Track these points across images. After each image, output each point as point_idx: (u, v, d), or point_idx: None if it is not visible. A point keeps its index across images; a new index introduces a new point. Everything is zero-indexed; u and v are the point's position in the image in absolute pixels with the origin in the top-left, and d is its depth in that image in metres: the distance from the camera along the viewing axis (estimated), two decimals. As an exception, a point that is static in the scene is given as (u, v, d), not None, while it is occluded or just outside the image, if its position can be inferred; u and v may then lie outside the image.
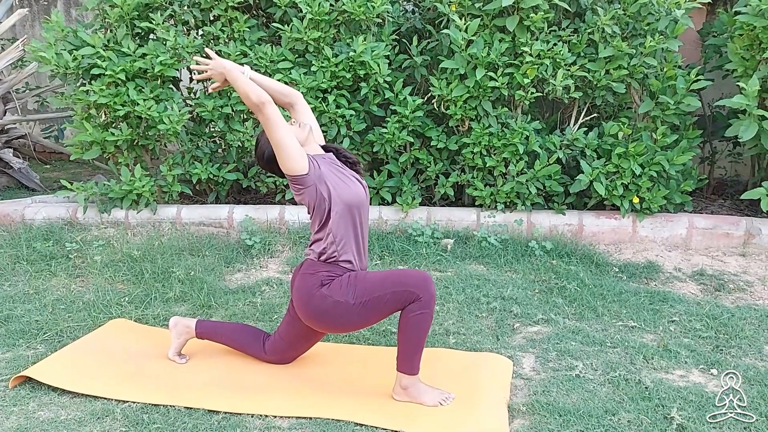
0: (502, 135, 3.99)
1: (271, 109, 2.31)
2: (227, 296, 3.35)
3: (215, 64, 2.44)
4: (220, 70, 2.43)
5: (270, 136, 2.34)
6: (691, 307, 3.20)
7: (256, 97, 2.31)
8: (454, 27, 3.95)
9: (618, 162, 3.93)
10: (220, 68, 2.43)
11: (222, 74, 2.43)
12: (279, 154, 2.34)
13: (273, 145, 2.35)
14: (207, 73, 2.48)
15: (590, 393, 2.42)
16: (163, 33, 4.09)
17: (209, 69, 2.46)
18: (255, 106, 2.32)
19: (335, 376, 2.59)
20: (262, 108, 2.31)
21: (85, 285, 3.51)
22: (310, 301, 2.36)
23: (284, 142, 2.32)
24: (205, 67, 2.48)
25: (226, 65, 2.41)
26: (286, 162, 2.34)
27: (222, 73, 2.43)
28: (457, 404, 2.37)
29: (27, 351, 2.77)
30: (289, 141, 2.32)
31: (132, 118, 4.18)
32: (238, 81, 2.37)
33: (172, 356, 2.70)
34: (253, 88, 2.33)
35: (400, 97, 4.12)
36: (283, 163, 2.35)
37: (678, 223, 4.04)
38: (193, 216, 4.27)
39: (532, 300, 3.27)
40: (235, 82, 2.37)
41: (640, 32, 3.94)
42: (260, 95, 2.31)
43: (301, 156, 2.34)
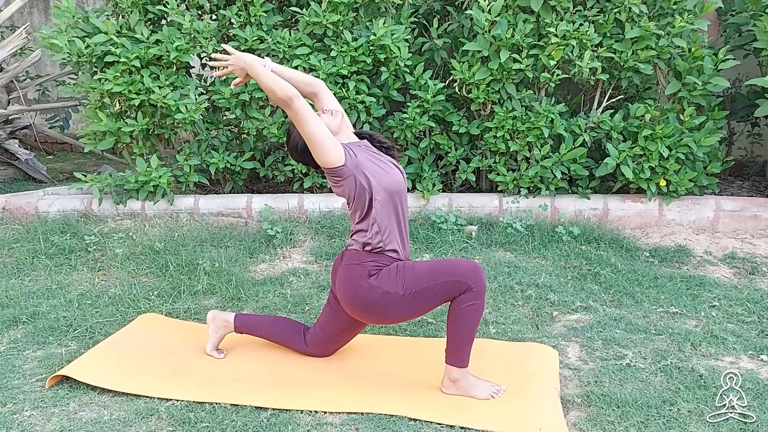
0: (526, 118, 3.91)
1: (299, 103, 2.22)
2: (256, 288, 3.28)
3: (235, 59, 2.34)
4: (240, 65, 2.33)
5: (301, 130, 2.26)
6: (729, 291, 3.16)
7: (282, 92, 2.21)
8: (476, 8, 3.86)
9: (645, 144, 3.87)
10: (240, 63, 2.33)
11: (243, 69, 2.34)
12: (312, 148, 2.26)
13: (305, 138, 2.26)
14: (227, 69, 2.38)
15: (644, 383, 2.37)
16: (179, 17, 3.97)
17: (229, 65, 2.36)
18: (282, 102, 2.23)
19: (379, 368, 2.53)
20: (289, 103, 2.22)
21: (108, 279, 3.43)
22: (357, 292, 2.29)
23: (316, 135, 2.23)
24: (225, 63, 2.37)
25: (247, 60, 2.31)
26: (321, 155, 2.26)
27: (243, 68, 2.34)
28: (508, 396, 2.31)
29: (59, 349, 2.69)
30: (321, 133, 2.24)
31: (147, 107, 4.08)
32: (261, 76, 2.27)
33: (210, 351, 2.63)
34: (279, 82, 2.24)
35: (420, 81, 4.04)
36: (318, 155, 2.27)
37: (705, 206, 3.99)
38: (211, 206, 4.18)
39: (567, 287, 3.22)
40: (258, 77, 2.28)
41: (668, 11, 3.86)
42: (286, 89, 2.22)
43: (335, 147, 2.26)
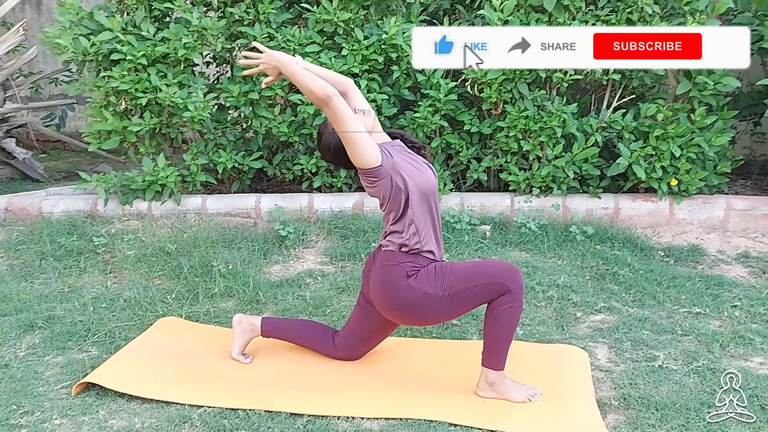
0: (538, 118, 3.90)
1: (338, 102, 2.17)
2: (274, 290, 3.24)
3: (267, 57, 2.29)
4: (273, 63, 2.27)
5: (339, 129, 2.21)
6: (748, 291, 3.18)
7: (321, 91, 2.16)
8: (488, 6, 3.84)
9: (656, 144, 3.88)
10: (273, 62, 2.27)
11: (276, 68, 2.28)
12: (350, 148, 2.21)
13: (343, 138, 2.21)
14: (259, 67, 2.32)
15: (679, 385, 2.37)
16: (186, 14, 3.90)
17: (261, 63, 2.30)
18: (321, 101, 2.18)
19: (410, 372, 2.50)
20: (328, 102, 2.17)
21: (120, 281, 3.36)
22: (395, 293, 2.26)
23: (355, 136, 2.19)
24: (257, 61, 2.32)
25: (280, 58, 2.26)
26: (359, 155, 2.22)
27: (276, 67, 2.28)
28: (545, 400, 2.30)
29: (79, 354, 2.63)
30: (360, 134, 2.20)
31: (153, 105, 4.01)
32: (296, 74, 2.22)
33: (237, 356, 2.58)
34: (317, 81, 2.19)
35: (432, 80, 4.01)
36: (355, 156, 2.22)
37: (715, 205, 4.01)
38: (219, 206, 4.12)
39: (587, 287, 3.21)
40: (293, 75, 2.23)
41: (679, 11, 3.87)
42: (325, 88, 2.17)
43: (373, 148, 2.22)
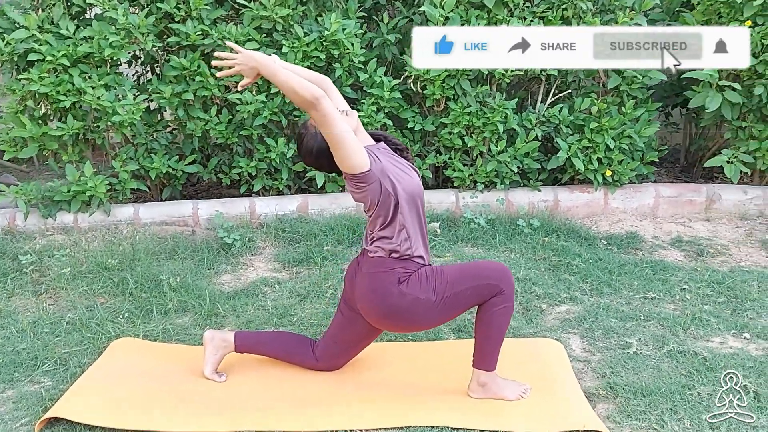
0: (481, 114, 3.94)
1: (326, 104, 2.06)
2: (231, 302, 3.08)
3: (244, 58, 2.13)
4: (251, 64, 2.12)
5: (326, 133, 2.10)
6: (691, 274, 3.34)
7: (308, 92, 2.03)
8: (429, 3, 3.83)
9: (592, 137, 4.01)
10: (251, 62, 2.12)
11: (253, 69, 2.12)
12: (338, 152, 2.11)
13: (331, 142, 2.11)
14: (234, 69, 2.16)
15: (656, 369, 2.45)
16: (111, 11, 3.63)
17: (236, 64, 2.14)
18: (308, 104, 2.05)
19: (397, 378, 2.44)
20: (316, 104, 2.04)
21: (57, 302, 3.09)
22: (385, 300, 2.19)
23: (343, 139, 2.08)
24: (231, 62, 2.15)
25: (258, 59, 2.11)
26: (346, 160, 2.12)
27: (253, 68, 2.12)
28: (536, 395, 2.31)
29: (31, 386, 2.38)
30: (348, 137, 2.09)
31: (77, 110, 3.71)
32: (278, 75, 2.08)
33: (210, 375, 2.43)
34: (302, 82, 2.05)
35: (374, 77, 3.95)
36: (343, 161, 2.13)
37: (645, 193, 4.21)
38: (153, 215, 3.88)
39: (546, 279, 3.28)
40: (274, 77, 2.08)
41: (609, 8, 4.02)
42: (311, 89, 2.04)
43: (361, 152, 2.13)
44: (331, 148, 2.12)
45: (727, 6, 3.87)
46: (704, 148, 4.67)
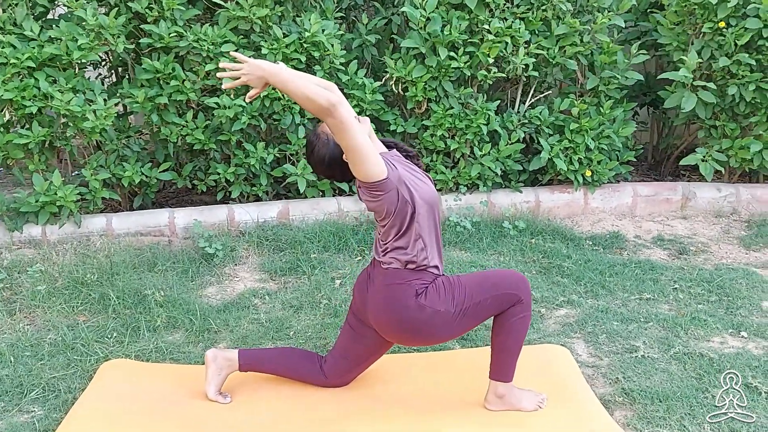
0: (463, 116, 3.90)
1: (343, 111, 1.96)
2: (222, 316, 2.95)
3: (251, 68, 2.01)
4: (259, 74, 2.00)
5: (342, 141, 2.01)
6: (678, 272, 3.38)
7: (324, 99, 1.93)
8: (409, 4, 3.77)
9: (572, 137, 4.03)
10: (258, 72, 2.00)
11: (261, 78, 2.01)
12: (355, 160, 2.03)
13: (347, 150, 2.02)
14: (241, 79, 2.04)
15: (666, 373, 2.46)
16: (80, 12, 3.43)
17: (244, 74, 2.02)
18: (324, 111, 1.95)
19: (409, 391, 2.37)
20: (333, 111, 1.94)
21: (35, 322, 2.90)
22: (404, 313, 2.11)
23: (360, 147, 1.99)
24: (238, 73, 2.03)
25: (266, 68, 2.00)
26: (364, 168, 2.03)
27: (261, 77, 2.01)
28: (552, 404, 2.28)
29: (21, 416, 2.22)
30: (366, 144, 2.01)
31: (43, 116, 3.50)
32: (290, 84, 1.97)
33: (214, 396, 2.31)
34: (316, 89, 1.96)
35: (356, 79, 3.86)
36: (360, 169, 2.04)
37: (624, 193, 4.25)
38: (128, 225, 3.70)
39: (540, 283, 3.26)
40: (285, 85, 1.98)
41: (588, 9, 4.04)
42: (328, 96, 1.94)
43: (378, 159, 2.05)
44: (347, 157, 2.03)
45: (701, 7, 3.93)
46: (672, 146, 4.77)
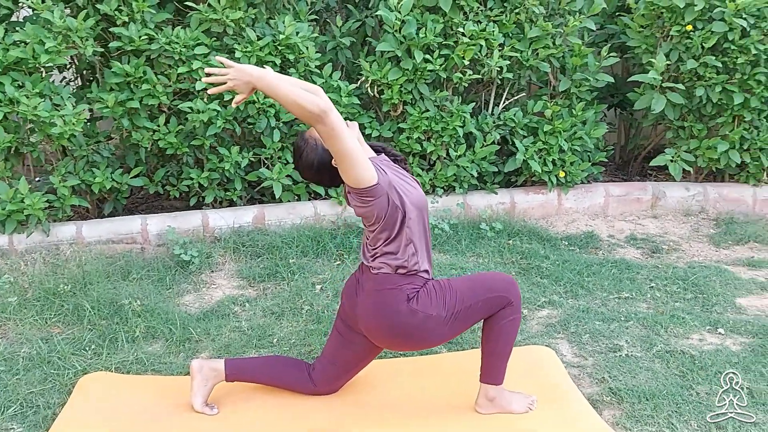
0: (439, 119, 3.91)
1: (334, 117, 1.93)
2: (202, 324, 2.89)
3: (237, 72, 1.96)
4: (245, 79, 1.96)
5: (332, 147, 1.97)
6: (653, 271, 3.44)
7: (314, 105, 1.90)
8: (384, 6, 3.76)
9: (546, 139, 4.07)
10: (245, 77, 1.96)
11: (248, 83, 1.96)
12: (345, 166, 2.00)
13: (337, 155, 1.99)
14: (227, 84, 1.99)
15: (650, 371, 2.49)
16: (46, 14, 3.33)
17: (229, 79, 1.98)
18: (314, 117, 1.91)
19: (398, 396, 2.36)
20: (324, 118, 1.91)
21: (7, 335, 2.80)
22: (395, 318, 2.09)
23: (351, 152, 1.96)
24: (224, 78, 1.98)
25: (253, 72, 1.95)
26: (354, 174, 2.00)
27: (248, 83, 1.96)
28: (542, 405, 2.29)
29: (-2, 436, 2.13)
30: (356, 150, 1.98)
31: (8, 121, 3.38)
32: (279, 89, 1.93)
33: (200, 408, 2.25)
34: (304, 95, 1.92)
35: (330, 82, 3.84)
36: (350, 175, 2.01)
37: (596, 193, 4.31)
38: (99, 233, 3.60)
39: (521, 284, 3.27)
40: (275, 90, 1.93)
41: (559, 12, 4.09)
42: (318, 102, 1.91)
43: (368, 165, 2.02)
44: (337, 162, 2.01)
45: (669, 11, 4.01)
46: (640, 146, 4.86)
